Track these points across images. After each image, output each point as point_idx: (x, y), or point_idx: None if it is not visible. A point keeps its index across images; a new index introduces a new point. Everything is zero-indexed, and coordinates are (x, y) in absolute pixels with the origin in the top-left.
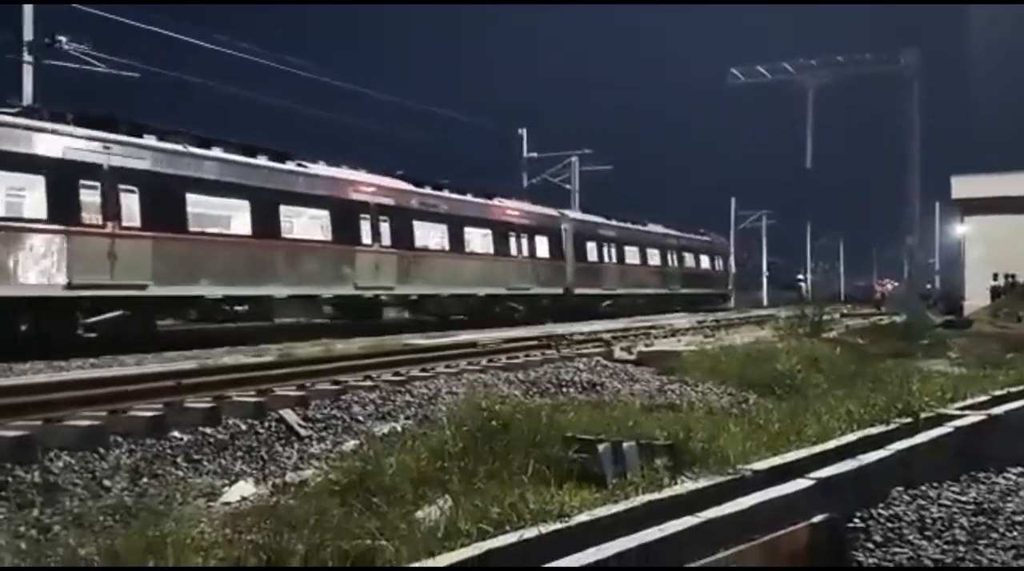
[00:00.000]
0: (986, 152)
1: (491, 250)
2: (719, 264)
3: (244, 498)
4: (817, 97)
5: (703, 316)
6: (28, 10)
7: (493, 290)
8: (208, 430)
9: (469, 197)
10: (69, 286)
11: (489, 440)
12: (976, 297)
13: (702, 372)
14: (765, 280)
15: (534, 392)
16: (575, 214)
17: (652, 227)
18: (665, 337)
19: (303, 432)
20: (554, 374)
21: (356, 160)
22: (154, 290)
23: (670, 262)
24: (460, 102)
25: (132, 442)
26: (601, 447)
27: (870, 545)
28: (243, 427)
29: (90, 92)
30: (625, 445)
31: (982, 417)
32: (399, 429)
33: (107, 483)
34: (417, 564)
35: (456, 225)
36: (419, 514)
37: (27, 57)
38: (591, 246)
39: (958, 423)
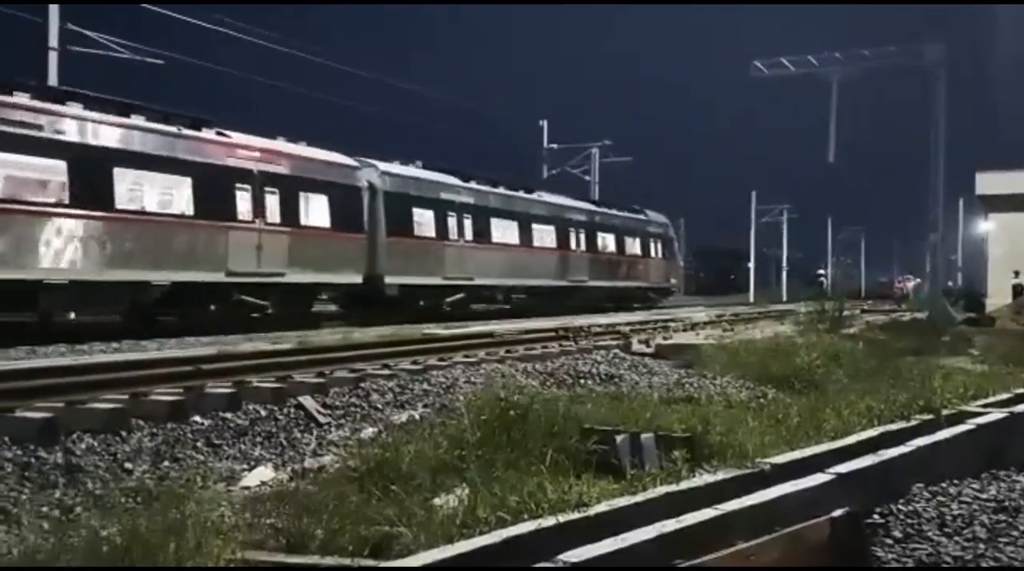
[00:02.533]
0: (1013, 148)
1: (185, 211)
2: (657, 250)
3: (263, 483)
4: (841, 90)
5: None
6: None
7: (182, 276)
8: (228, 415)
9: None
10: None
11: (507, 430)
12: (999, 295)
13: (721, 366)
14: (785, 275)
15: (552, 383)
16: (389, 166)
17: (544, 196)
18: (684, 331)
19: (322, 419)
20: (572, 365)
21: (371, 148)
22: None
23: (575, 245)
24: (484, 93)
25: (153, 426)
26: (619, 438)
27: (889, 540)
28: (263, 413)
29: (113, 79)
30: (643, 437)
31: (1004, 415)
32: (417, 417)
33: (129, 466)
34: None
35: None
36: (437, 501)
37: (52, 43)
38: (423, 216)
39: (980, 420)
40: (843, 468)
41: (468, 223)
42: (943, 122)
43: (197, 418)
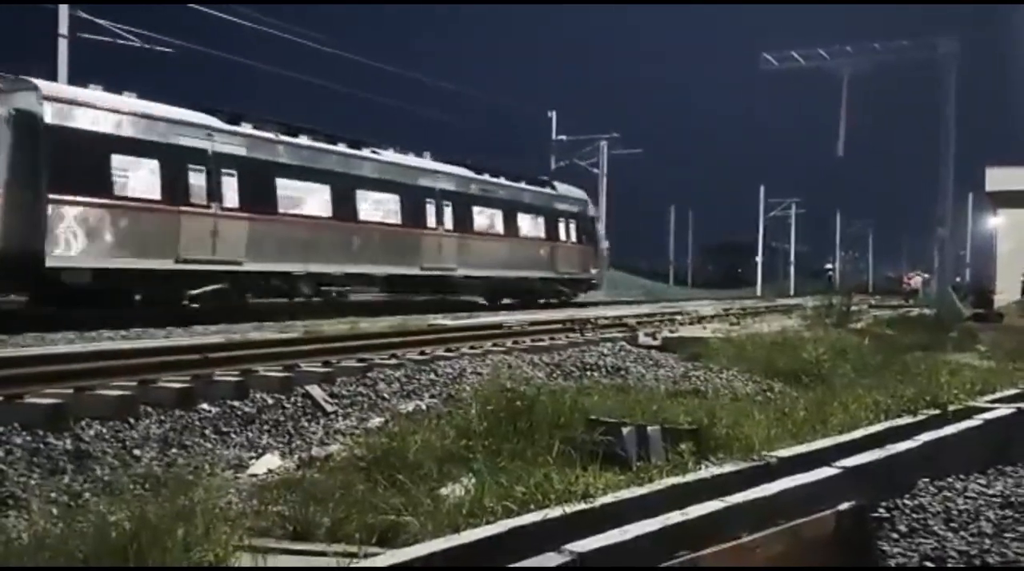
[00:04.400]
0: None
1: None
2: (570, 232)
3: (271, 470)
4: (851, 84)
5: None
6: None
7: None
8: (236, 403)
9: None
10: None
11: (514, 420)
12: (1008, 291)
13: (727, 359)
14: (792, 269)
15: (558, 375)
16: (62, 90)
17: (384, 154)
18: (691, 324)
19: (329, 408)
20: (578, 357)
21: (384, 139)
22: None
23: (434, 221)
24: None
25: (161, 413)
26: (625, 430)
27: (895, 535)
28: (270, 401)
29: (123, 67)
30: (649, 429)
31: (1012, 411)
32: (424, 407)
33: (137, 452)
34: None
35: None
36: (444, 491)
37: (63, 30)
38: (128, 169)
39: (987, 416)
40: (849, 462)
41: (229, 182)
42: (953, 117)
43: (205, 405)
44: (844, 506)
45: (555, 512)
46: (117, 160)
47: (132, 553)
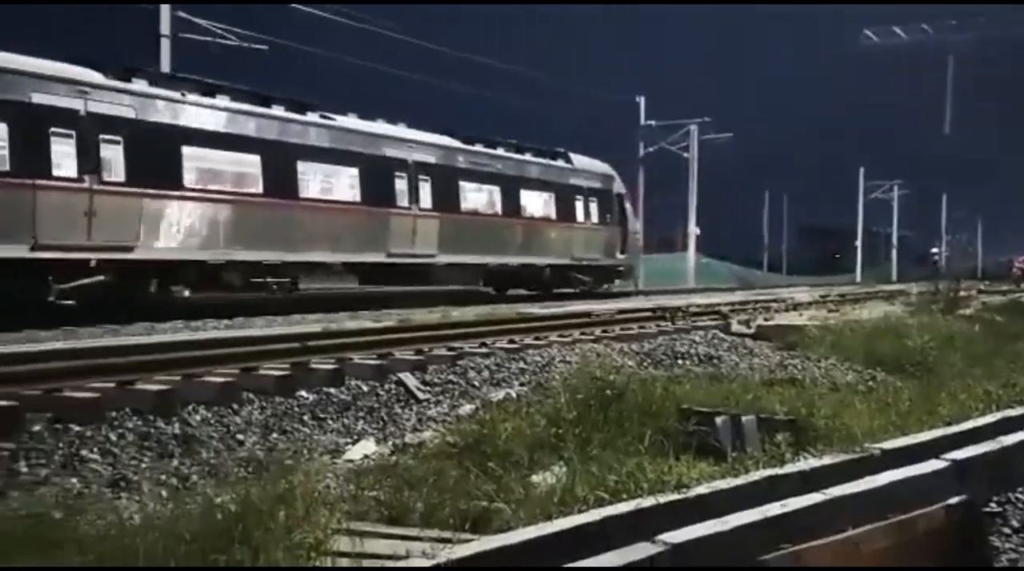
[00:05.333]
0: None
1: None
2: (592, 214)
3: (366, 456)
4: (957, 60)
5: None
6: None
7: None
8: (332, 390)
9: None
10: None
11: (604, 409)
12: None
13: (825, 347)
14: (895, 254)
15: (648, 363)
16: None
17: (341, 120)
18: (786, 311)
19: (421, 395)
20: (669, 346)
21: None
22: None
23: (406, 198)
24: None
25: (263, 399)
26: (719, 420)
27: (1007, 530)
28: (364, 388)
29: (221, 64)
30: (744, 419)
31: None
32: (513, 395)
33: (240, 437)
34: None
35: None
36: (535, 478)
37: (164, 31)
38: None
39: None
40: (958, 454)
41: (112, 150)
42: None
43: (303, 392)
44: (953, 500)
45: (648, 502)
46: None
47: (237, 534)
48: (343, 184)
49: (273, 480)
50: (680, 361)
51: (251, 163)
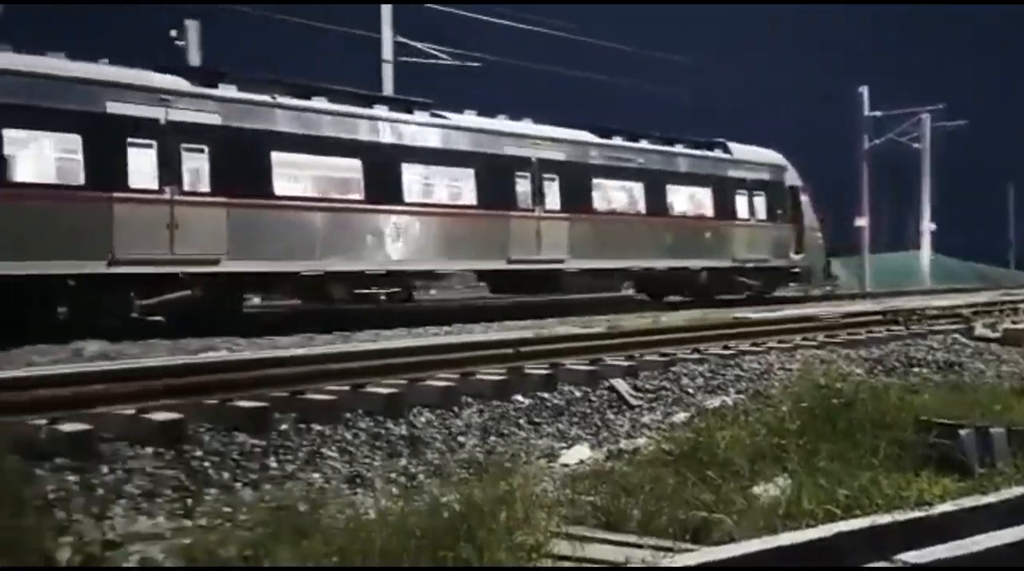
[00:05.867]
0: None
1: None
2: (758, 210)
3: (582, 461)
4: None
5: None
6: (386, 11)
7: None
8: (546, 395)
9: None
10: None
11: (831, 419)
12: None
13: None
14: None
15: (879, 371)
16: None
17: (460, 119)
18: None
19: (634, 401)
20: (902, 352)
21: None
22: None
23: (527, 198)
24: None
25: (481, 403)
26: (963, 432)
27: None
28: (577, 394)
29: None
30: (993, 431)
31: None
32: (730, 403)
33: (461, 439)
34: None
35: None
36: (756, 489)
37: (387, 56)
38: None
39: None
40: None
41: (195, 157)
42: None
43: (519, 397)
44: None
45: (885, 519)
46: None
47: (463, 532)
48: (455, 186)
49: (493, 482)
50: (915, 369)
51: (350, 168)
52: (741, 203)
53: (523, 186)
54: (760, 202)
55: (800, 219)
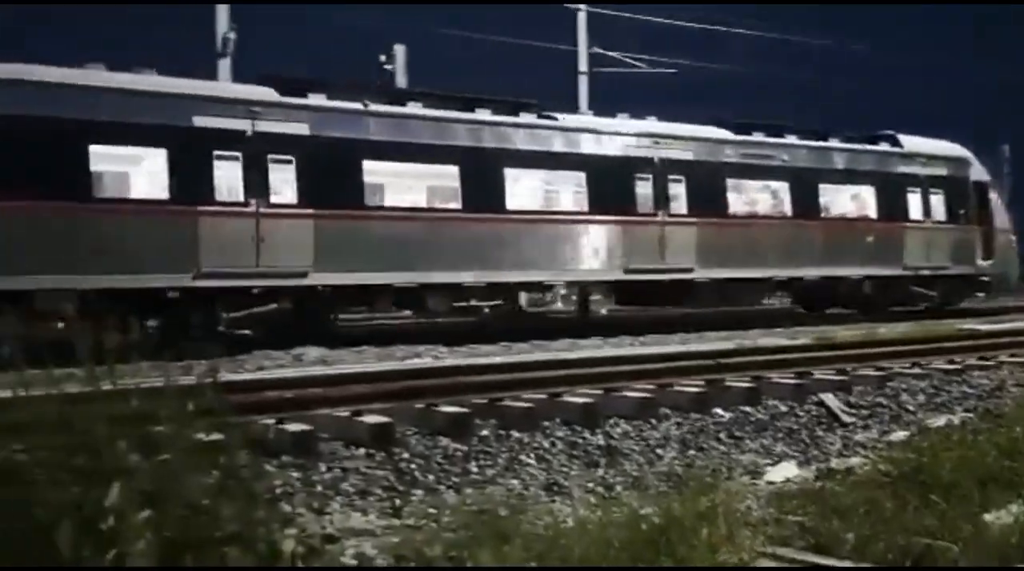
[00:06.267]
0: None
1: None
2: (934, 209)
3: (788, 479)
4: None
5: None
6: (582, 20)
7: None
8: (748, 409)
9: None
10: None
11: None
12: None
13: None
14: None
15: None
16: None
17: (574, 120)
18: None
19: (846, 418)
20: None
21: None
22: None
23: (654, 204)
24: None
25: (679, 415)
26: None
27: None
28: (782, 409)
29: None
30: None
31: None
32: (956, 422)
33: (659, 451)
34: None
35: None
36: (987, 516)
37: (582, 67)
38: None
39: None
40: None
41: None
42: None
43: (719, 410)
44: None
45: None
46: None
47: (662, 546)
48: (567, 191)
49: (694, 496)
50: None
51: (447, 174)
52: (914, 202)
53: (643, 189)
54: (937, 201)
55: (988, 220)
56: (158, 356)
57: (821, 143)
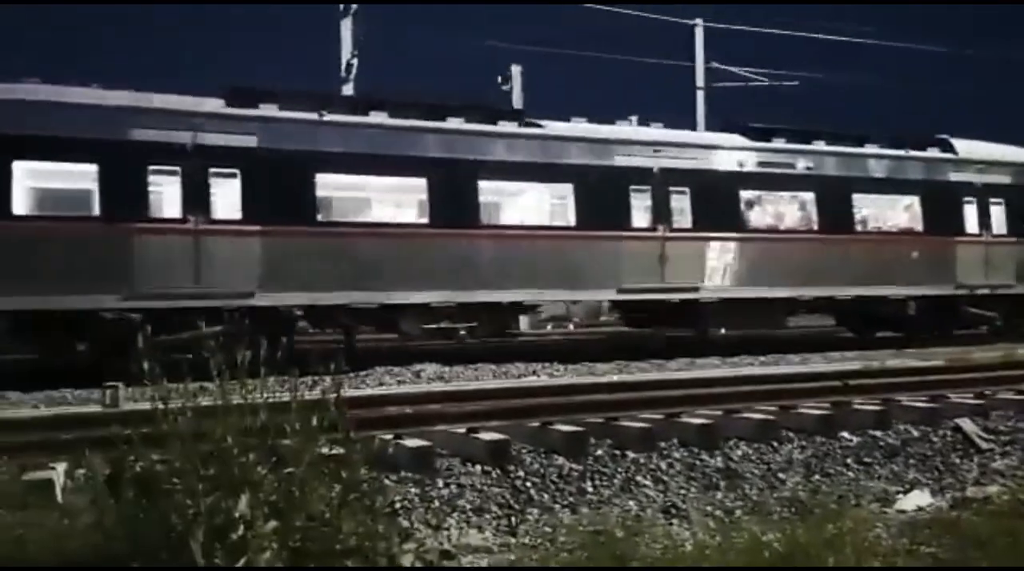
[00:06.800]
0: None
1: None
2: (993, 222)
3: (920, 508)
4: None
5: None
6: (699, 32)
7: None
8: (877, 433)
9: None
10: None
11: None
12: None
13: None
14: None
15: None
16: None
17: (558, 127)
18: None
19: (984, 444)
20: None
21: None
22: None
23: (651, 218)
24: None
25: (802, 438)
26: None
27: None
28: (915, 433)
29: (750, 106)
30: None
31: None
32: None
33: (782, 476)
34: None
35: None
36: None
37: (699, 83)
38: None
39: None
40: None
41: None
42: None
43: (845, 434)
44: None
45: None
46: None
47: None
48: (544, 205)
49: (819, 523)
50: None
51: (415, 188)
52: (969, 214)
53: (640, 201)
54: (999, 212)
55: None
56: (284, 371)
57: (853, 150)
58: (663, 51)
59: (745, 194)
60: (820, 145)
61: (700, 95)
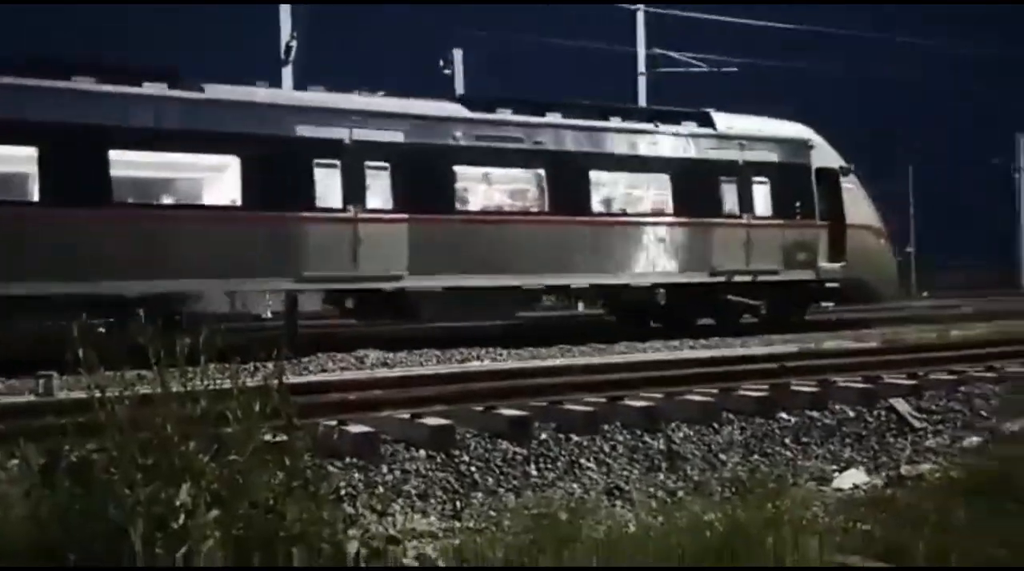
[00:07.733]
0: None
1: None
2: (760, 203)
3: (856, 486)
4: None
5: None
6: (640, 17)
7: None
8: (814, 414)
9: None
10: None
11: None
12: None
13: None
14: None
15: None
16: None
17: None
18: None
19: (916, 423)
20: None
21: None
22: None
23: (342, 198)
24: None
25: (742, 419)
26: None
27: None
28: (850, 413)
29: (693, 93)
30: None
31: None
32: None
33: (722, 456)
34: None
35: None
36: None
37: (641, 69)
38: None
39: None
40: None
41: None
42: None
43: (783, 415)
44: None
45: None
46: None
47: (727, 554)
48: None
49: (759, 503)
50: None
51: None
52: (728, 194)
53: (326, 178)
54: (763, 192)
55: (839, 214)
56: (225, 358)
57: (591, 122)
58: (606, 38)
59: (461, 171)
60: (556, 118)
61: (642, 81)
